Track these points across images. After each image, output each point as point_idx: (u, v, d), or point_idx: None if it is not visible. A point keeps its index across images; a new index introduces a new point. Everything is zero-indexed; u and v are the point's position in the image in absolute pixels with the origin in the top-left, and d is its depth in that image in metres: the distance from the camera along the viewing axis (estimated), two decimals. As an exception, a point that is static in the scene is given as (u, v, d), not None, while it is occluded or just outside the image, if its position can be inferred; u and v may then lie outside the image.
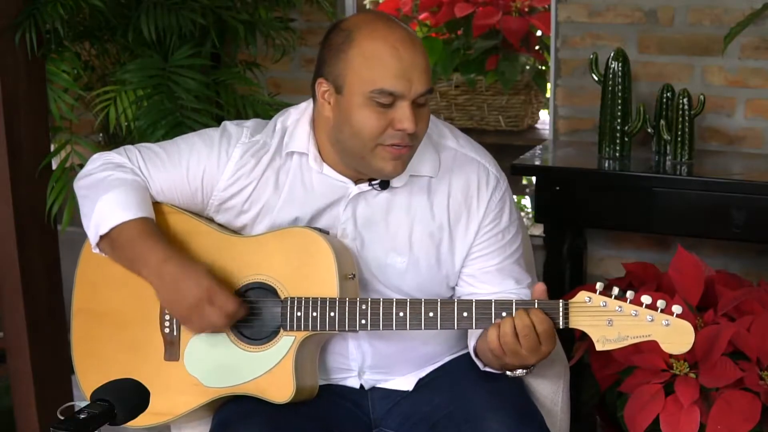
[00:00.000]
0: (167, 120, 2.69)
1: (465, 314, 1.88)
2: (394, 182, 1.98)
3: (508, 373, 1.95)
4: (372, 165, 1.91)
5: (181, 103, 2.73)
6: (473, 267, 2.03)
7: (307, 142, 1.98)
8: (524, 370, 1.94)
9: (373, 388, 2.11)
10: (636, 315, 1.81)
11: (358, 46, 1.85)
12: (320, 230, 1.96)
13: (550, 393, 2.17)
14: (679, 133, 3.04)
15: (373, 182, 1.97)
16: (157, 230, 1.98)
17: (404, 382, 2.11)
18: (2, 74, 2.61)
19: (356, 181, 1.98)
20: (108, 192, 1.97)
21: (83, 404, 1.58)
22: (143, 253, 1.94)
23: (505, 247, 2.03)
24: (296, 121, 2.01)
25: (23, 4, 2.63)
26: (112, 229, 1.96)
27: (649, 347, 2.49)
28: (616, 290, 1.83)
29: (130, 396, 1.64)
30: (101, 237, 1.98)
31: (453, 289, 2.07)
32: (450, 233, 2.01)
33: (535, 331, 1.83)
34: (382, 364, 2.07)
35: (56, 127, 2.84)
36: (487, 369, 2.02)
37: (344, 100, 1.87)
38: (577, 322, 1.84)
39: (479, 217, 2.01)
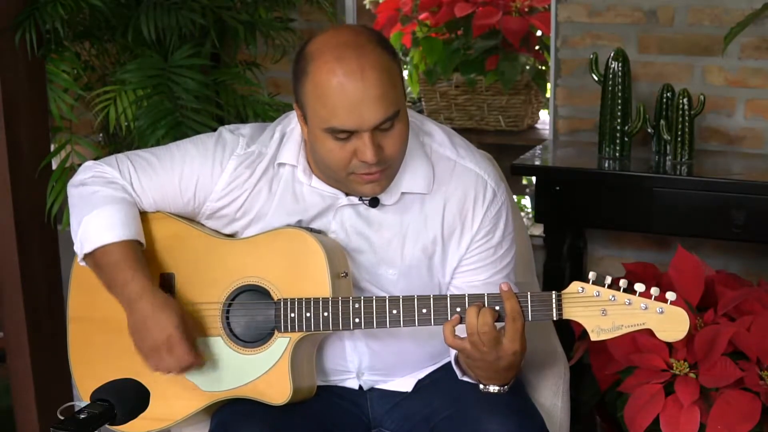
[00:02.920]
0: (167, 120, 2.69)
1: (458, 309, 1.86)
2: (385, 200, 1.95)
3: (481, 386, 1.92)
4: (350, 188, 1.91)
5: (181, 103, 2.73)
6: (460, 280, 2.01)
7: (297, 154, 1.97)
8: (497, 387, 1.90)
9: (372, 389, 2.11)
10: (630, 303, 1.80)
11: (311, 81, 1.80)
12: (312, 230, 1.95)
13: (550, 393, 2.17)
14: (679, 133, 3.04)
15: (364, 198, 1.96)
16: (139, 257, 1.96)
17: (403, 383, 2.10)
18: (2, 74, 2.61)
19: (347, 193, 1.96)
20: (95, 210, 1.96)
21: (83, 404, 1.58)
22: (121, 283, 1.93)
23: (495, 262, 2.00)
24: (291, 130, 1.99)
25: (23, 4, 2.63)
26: (95, 250, 1.96)
27: (650, 347, 2.50)
28: (609, 279, 1.82)
29: (130, 396, 1.64)
30: (86, 254, 1.98)
31: None
32: (443, 245, 1.98)
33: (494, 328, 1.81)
34: (379, 366, 2.07)
35: (56, 127, 2.84)
36: (465, 378, 1.99)
37: (310, 131, 1.86)
38: (571, 312, 1.83)
39: (473, 231, 1.98)
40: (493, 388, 1.91)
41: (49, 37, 2.65)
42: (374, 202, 1.95)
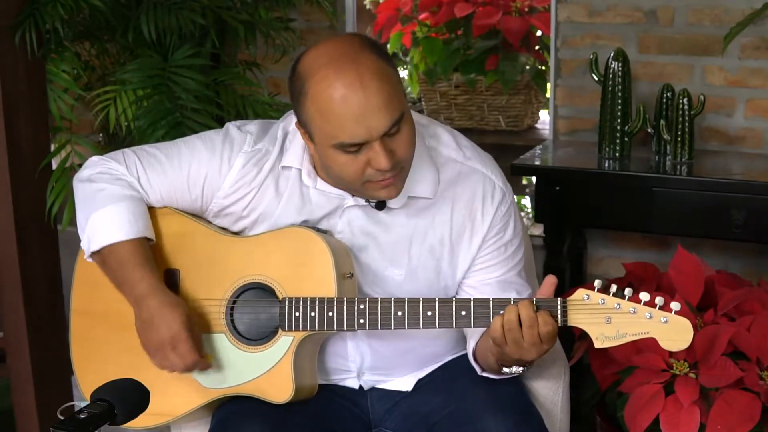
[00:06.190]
0: (167, 120, 2.69)
1: (463, 313, 1.87)
2: (392, 203, 1.95)
3: (504, 369, 1.92)
4: (366, 194, 1.91)
5: (181, 103, 2.73)
6: (474, 278, 2.02)
7: (301, 157, 1.97)
8: (521, 368, 1.91)
9: (372, 389, 2.11)
10: (634, 312, 1.81)
11: (312, 100, 1.79)
12: (318, 230, 1.95)
13: (550, 393, 2.17)
14: (679, 133, 3.04)
15: (370, 201, 1.95)
16: (148, 255, 1.97)
17: (403, 382, 2.10)
18: (2, 74, 2.61)
19: (353, 194, 1.96)
20: (102, 207, 1.96)
21: (83, 404, 1.58)
22: (129, 281, 1.94)
23: (508, 259, 2.01)
24: (294, 131, 1.98)
25: (23, 3, 2.63)
26: (102, 248, 1.96)
27: (650, 347, 2.50)
28: (614, 288, 1.83)
29: (130, 396, 1.64)
30: (93, 252, 1.98)
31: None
32: (451, 247, 1.99)
33: (537, 328, 1.82)
34: (380, 366, 2.07)
35: (56, 127, 2.84)
36: (485, 374, 2.00)
37: (319, 149, 1.86)
38: (576, 319, 1.84)
39: (484, 230, 1.99)
40: (516, 369, 1.90)
41: (49, 37, 2.65)
42: (381, 205, 1.96)
